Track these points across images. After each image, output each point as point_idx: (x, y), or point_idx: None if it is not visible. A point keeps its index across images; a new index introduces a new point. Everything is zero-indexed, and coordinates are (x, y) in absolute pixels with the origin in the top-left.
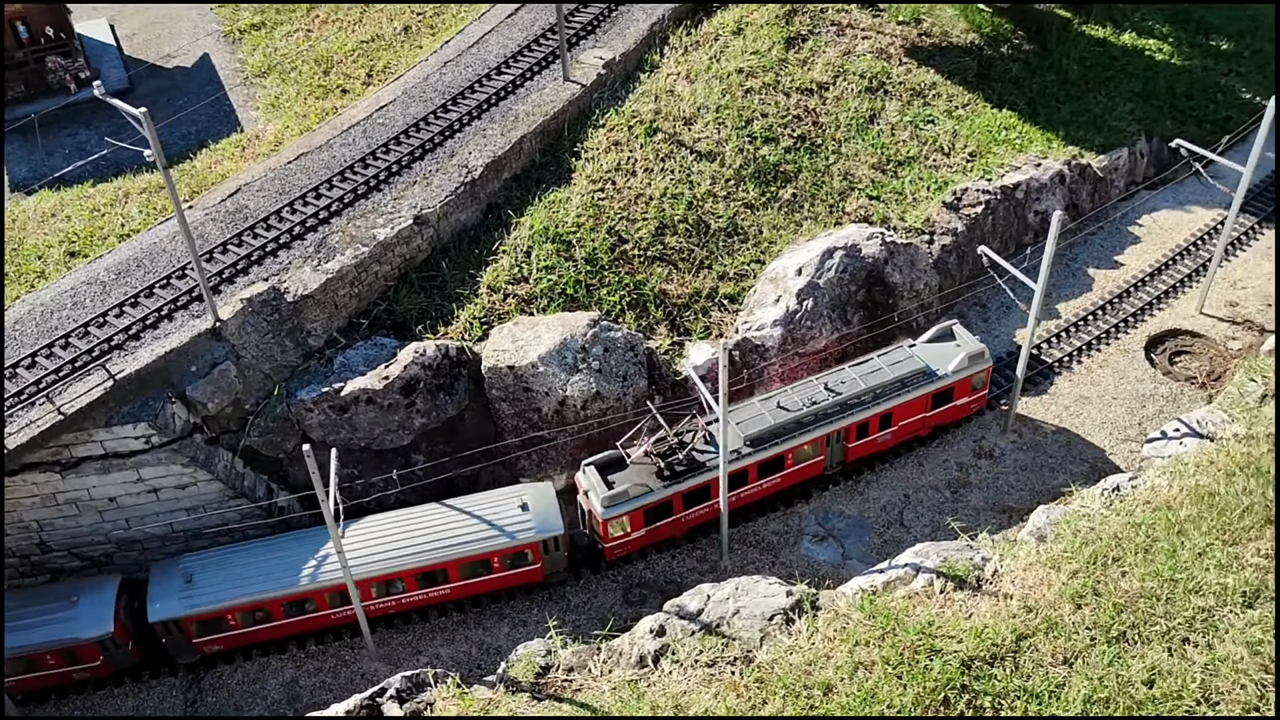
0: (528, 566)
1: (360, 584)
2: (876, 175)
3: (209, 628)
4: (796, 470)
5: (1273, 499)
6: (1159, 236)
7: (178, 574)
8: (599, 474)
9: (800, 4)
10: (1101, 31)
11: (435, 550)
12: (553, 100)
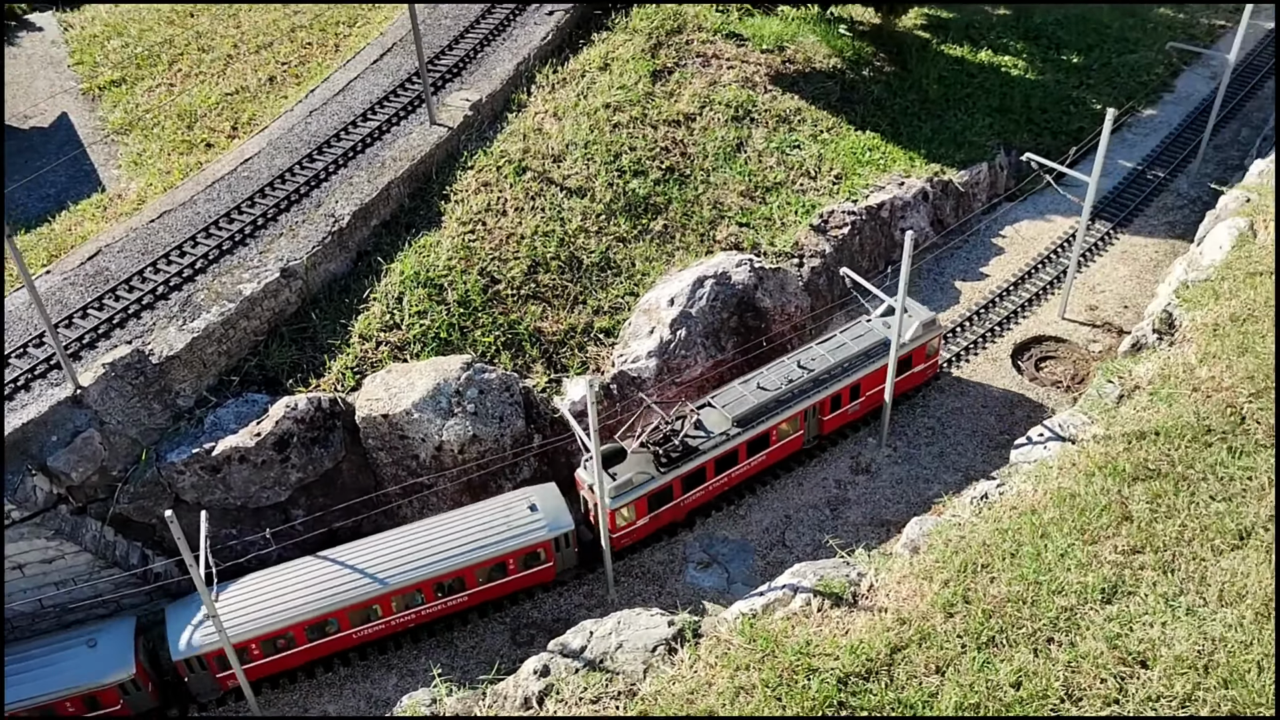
0: (540, 566)
1: (383, 598)
2: (745, 202)
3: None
4: (780, 446)
5: (1126, 495)
6: (1021, 246)
7: (197, 609)
8: (604, 466)
9: (666, 40)
10: (959, 50)
11: (453, 558)
12: (420, 144)
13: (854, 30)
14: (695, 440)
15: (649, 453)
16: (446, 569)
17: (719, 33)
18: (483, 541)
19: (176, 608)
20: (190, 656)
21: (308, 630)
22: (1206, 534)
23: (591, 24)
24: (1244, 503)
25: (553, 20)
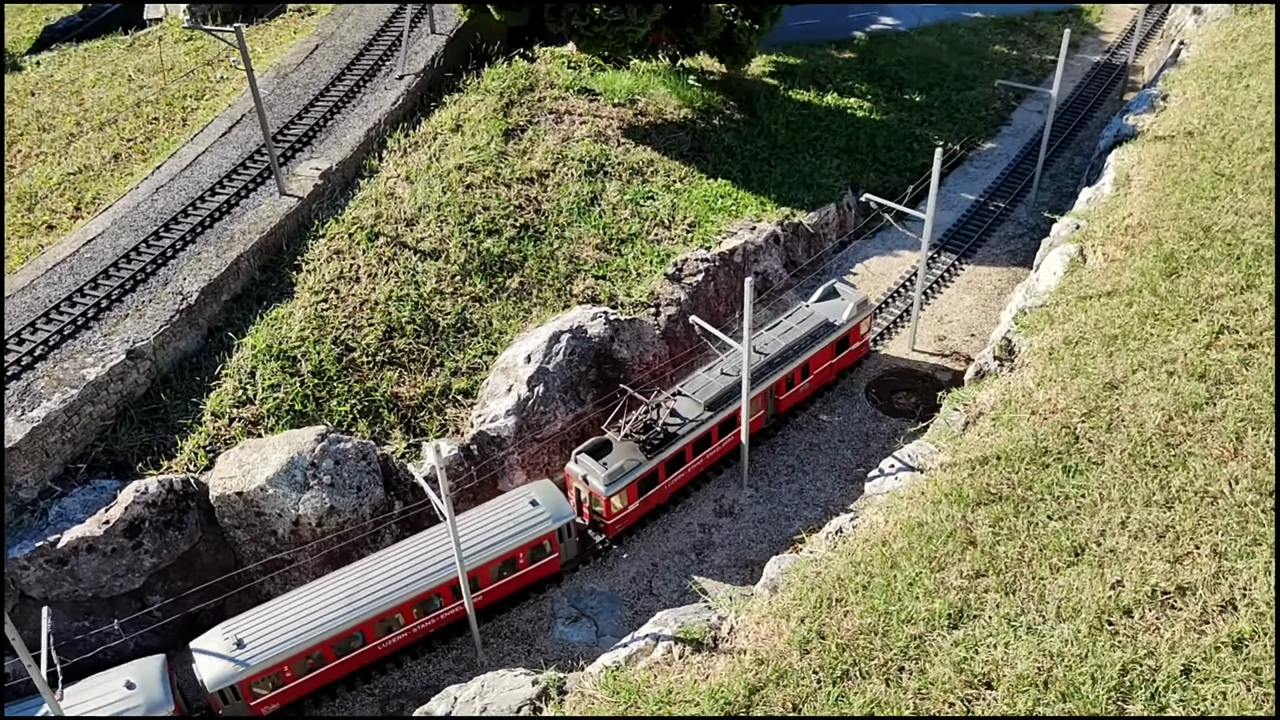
0: (546, 559)
1: (404, 606)
2: (601, 255)
3: (267, 685)
4: (752, 422)
5: (971, 520)
6: (872, 282)
7: (223, 641)
8: (592, 458)
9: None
10: (806, 95)
11: (467, 559)
12: (270, 216)
13: (703, 81)
14: (673, 426)
15: (633, 441)
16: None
17: (571, 89)
18: (493, 540)
19: (201, 642)
20: (224, 687)
21: (335, 647)
22: (1044, 553)
23: (443, 86)
24: (1078, 520)
25: (403, 85)
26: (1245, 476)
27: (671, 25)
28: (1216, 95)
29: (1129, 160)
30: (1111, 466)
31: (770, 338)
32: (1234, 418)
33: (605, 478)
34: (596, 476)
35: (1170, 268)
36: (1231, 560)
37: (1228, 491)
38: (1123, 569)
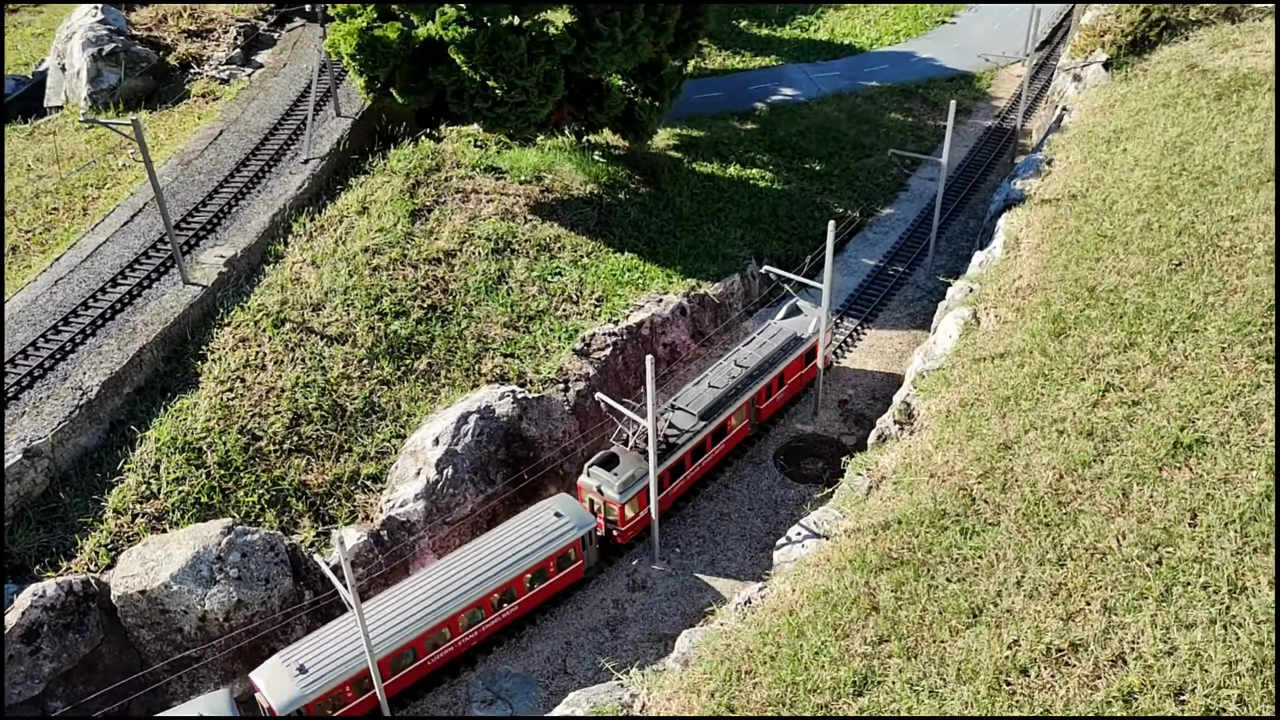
0: (571, 566)
1: (452, 619)
2: (509, 333)
3: (330, 705)
4: (733, 435)
5: (874, 586)
6: None
7: (284, 670)
8: (604, 469)
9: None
10: (710, 167)
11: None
12: (173, 306)
13: (608, 156)
14: (672, 436)
15: (637, 451)
16: (501, 581)
17: (477, 168)
18: (525, 551)
19: (260, 673)
20: (292, 711)
21: (391, 664)
22: (944, 616)
23: (349, 169)
24: (975, 581)
25: (308, 169)
26: (1131, 531)
27: (574, 104)
28: (1097, 159)
29: (1018, 224)
30: (1006, 527)
31: (747, 352)
32: (1120, 474)
33: (618, 486)
34: (610, 486)
35: (1058, 328)
36: (1120, 615)
37: (1116, 547)
38: (1018, 628)
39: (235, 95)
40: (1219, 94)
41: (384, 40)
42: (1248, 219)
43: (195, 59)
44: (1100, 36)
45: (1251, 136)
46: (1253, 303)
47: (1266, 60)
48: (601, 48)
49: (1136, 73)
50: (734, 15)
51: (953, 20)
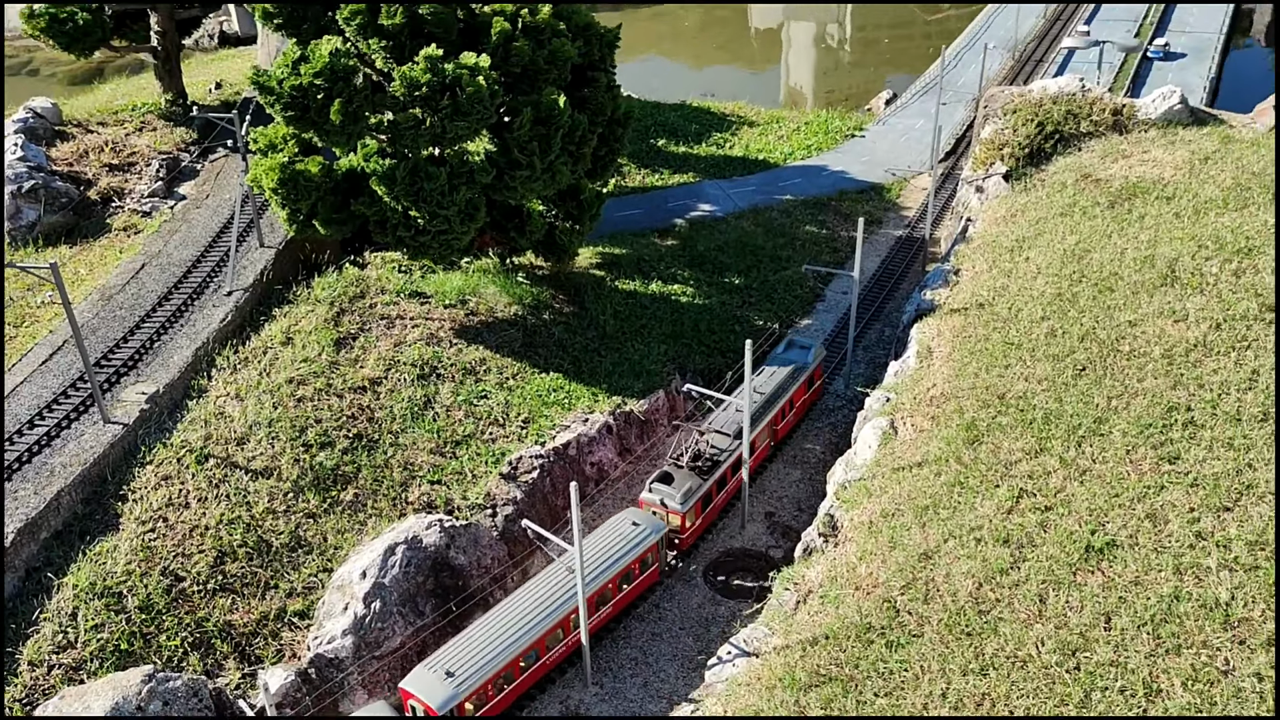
0: (650, 570)
1: (564, 620)
2: (436, 459)
3: (476, 702)
4: (760, 451)
5: (804, 704)
6: None
7: (433, 675)
8: (664, 485)
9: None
10: (632, 284)
11: (601, 575)
12: (93, 446)
13: (532, 277)
14: (713, 454)
15: (689, 468)
16: (599, 584)
17: (402, 293)
18: (615, 557)
19: (412, 678)
20: (448, 709)
21: (522, 663)
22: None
23: (273, 299)
24: (902, 695)
25: (232, 301)
26: (1050, 638)
27: (496, 230)
28: (1001, 268)
29: (929, 333)
30: (930, 638)
31: (761, 381)
32: (1036, 580)
33: (679, 498)
34: (672, 498)
35: (972, 436)
36: None
37: (1035, 654)
38: None
39: (158, 228)
40: (1111, 202)
41: (306, 174)
42: (1144, 323)
43: (117, 193)
44: (999, 150)
45: (1143, 243)
46: (1153, 405)
47: (1153, 169)
48: (520, 176)
49: (1035, 183)
50: (651, 135)
51: (861, 134)
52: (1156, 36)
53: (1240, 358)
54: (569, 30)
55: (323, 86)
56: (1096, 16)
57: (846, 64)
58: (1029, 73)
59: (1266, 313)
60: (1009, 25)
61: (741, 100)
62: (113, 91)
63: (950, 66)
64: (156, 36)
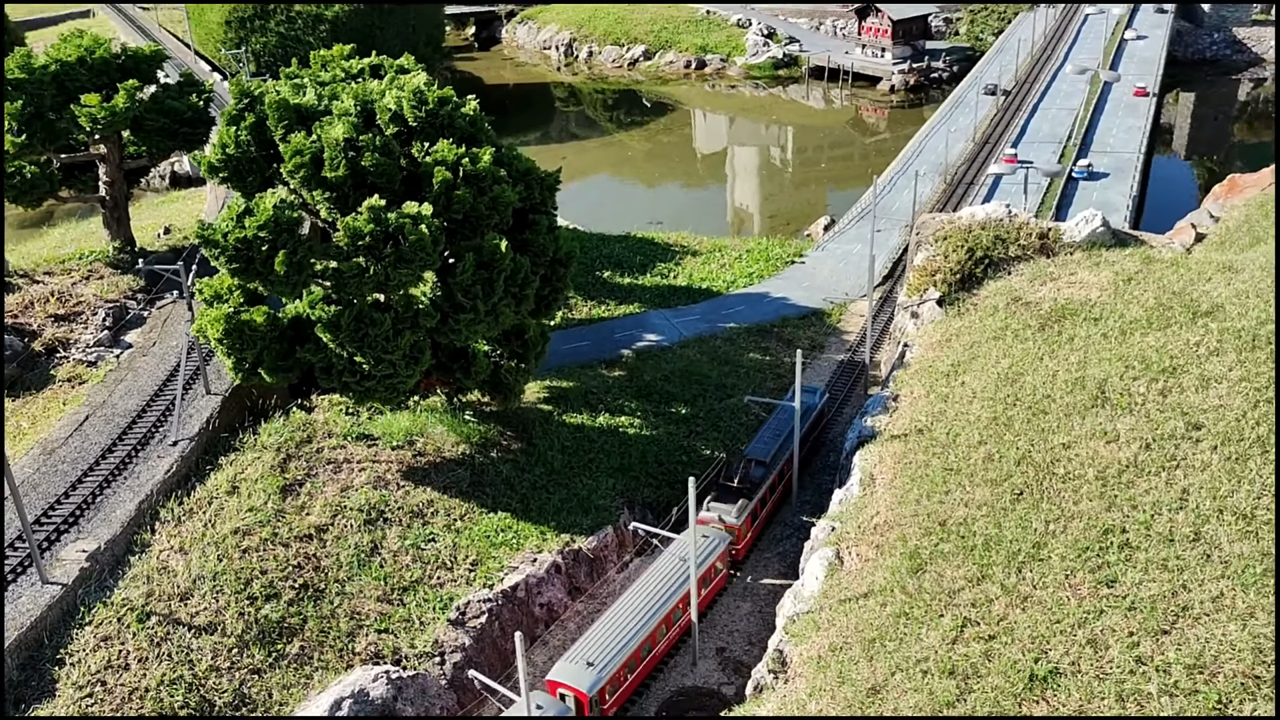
0: (720, 574)
1: (667, 616)
2: (383, 607)
3: (612, 686)
4: (786, 479)
5: None
6: None
7: (576, 666)
8: (720, 503)
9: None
10: (580, 418)
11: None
12: (30, 609)
13: (479, 414)
14: (754, 477)
15: (735, 489)
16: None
17: (349, 436)
18: (701, 560)
19: (559, 669)
20: (594, 693)
21: (641, 652)
22: None
23: (219, 447)
24: None
25: (177, 450)
26: None
27: (441, 371)
28: (938, 393)
29: (871, 460)
30: None
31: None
32: (983, 713)
33: (735, 513)
34: (729, 513)
35: (915, 564)
36: None
37: None
38: None
39: (103, 377)
40: (1041, 324)
41: (251, 324)
42: (1077, 445)
43: (62, 343)
44: (932, 275)
45: (1073, 364)
46: (1089, 528)
47: (1080, 291)
48: (465, 320)
49: (967, 307)
50: (598, 267)
51: (801, 260)
52: (1080, 157)
53: (1170, 477)
54: (510, 175)
55: (267, 239)
56: (1023, 139)
57: (789, 184)
58: (960, 196)
59: (1193, 431)
60: (939, 149)
61: (685, 230)
62: (61, 237)
63: (884, 192)
64: (105, 186)
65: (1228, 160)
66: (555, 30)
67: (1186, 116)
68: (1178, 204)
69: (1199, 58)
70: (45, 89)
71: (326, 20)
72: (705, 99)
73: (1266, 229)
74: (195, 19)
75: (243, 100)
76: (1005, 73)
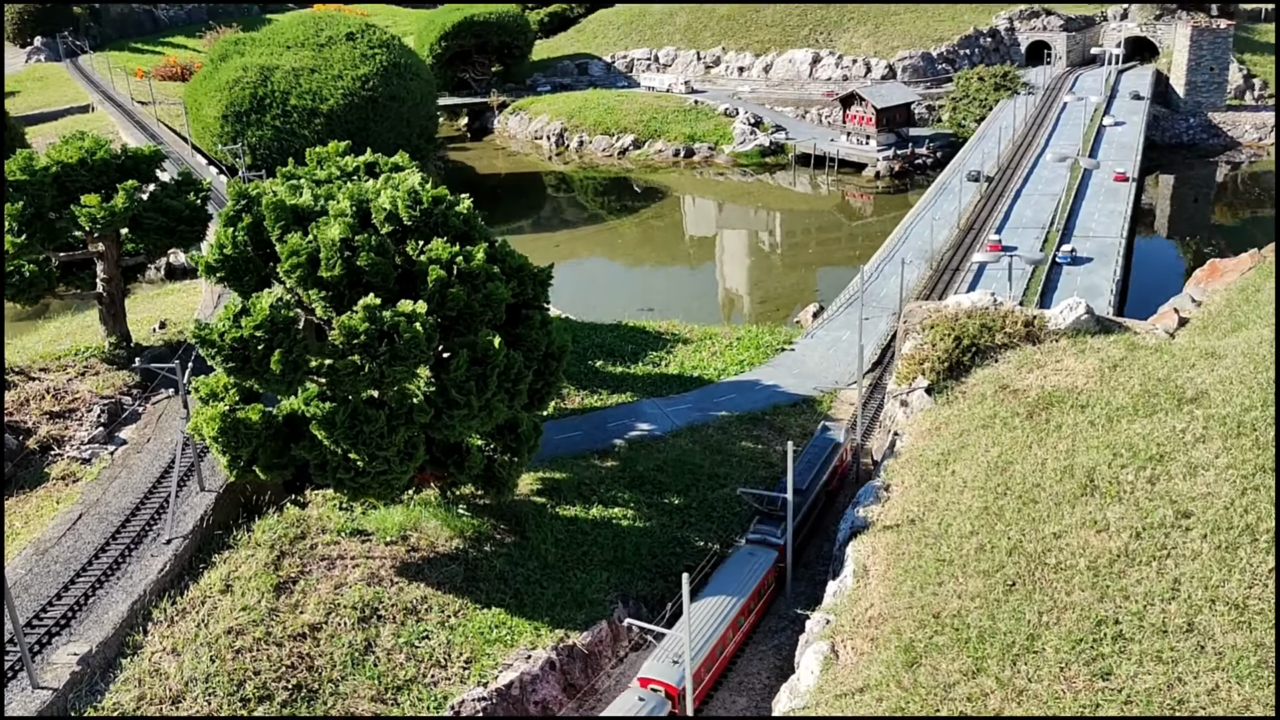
0: (770, 589)
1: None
2: (377, 708)
3: (696, 681)
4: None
5: None
6: None
7: (664, 663)
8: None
9: None
10: (573, 510)
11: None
12: (19, 715)
13: (473, 508)
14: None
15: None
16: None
17: (343, 532)
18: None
19: (649, 666)
20: (683, 684)
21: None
22: None
23: (213, 544)
24: None
25: (170, 549)
26: None
27: (435, 466)
28: (929, 483)
29: (864, 551)
30: None
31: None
32: None
33: (779, 534)
34: (774, 535)
35: (910, 658)
36: None
37: None
38: None
39: (96, 475)
40: (1030, 412)
41: (246, 422)
42: (1068, 534)
43: (57, 440)
44: (920, 364)
45: (1062, 452)
46: (1082, 619)
47: (1067, 378)
48: (459, 415)
49: (956, 395)
50: (590, 356)
51: (791, 347)
52: (1064, 242)
53: (1161, 567)
54: (503, 272)
55: (264, 338)
56: (1007, 225)
57: (779, 267)
58: (946, 283)
59: (1182, 519)
60: (925, 236)
61: (676, 317)
62: (57, 330)
63: (872, 279)
64: (102, 283)
65: (1209, 239)
66: (546, 120)
67: (1167, 199)
68: (1162, 284)
69: (1176, 142)
70: (46, 190)
71: (321, 114)
72: (694, 185)
73: (1247, 314)
74: (193, 114)
75: (240, 201)
76: (988, 159)
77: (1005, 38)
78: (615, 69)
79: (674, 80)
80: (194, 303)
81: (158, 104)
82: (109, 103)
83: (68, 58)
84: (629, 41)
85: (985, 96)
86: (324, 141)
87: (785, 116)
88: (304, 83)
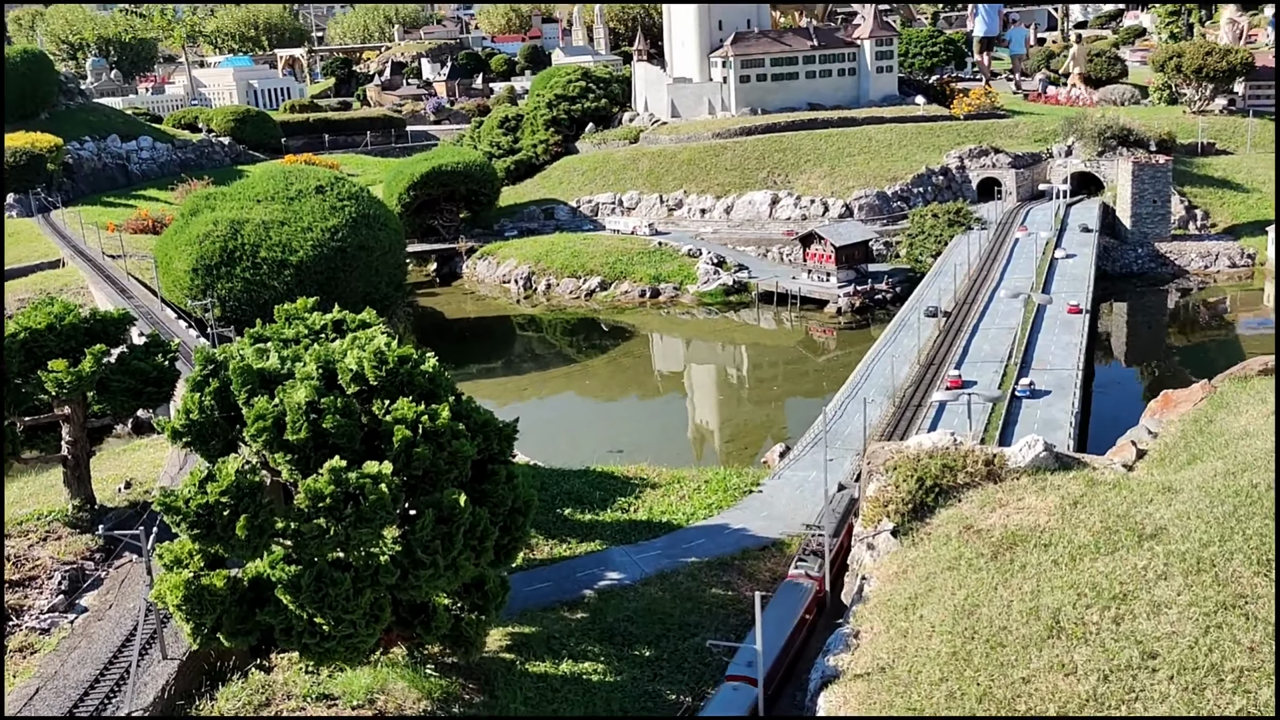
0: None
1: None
2: None
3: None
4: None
5: None
6: None
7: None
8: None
9: None
10: (542, 665)
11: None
12: None
13: (440, 666)
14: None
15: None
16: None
17: (309, 697)
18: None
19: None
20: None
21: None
22: None
23: (175, 716)
24: None
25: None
26: None
27: (402, 627)
28: (898, 628)
29: (835, 702)
30: None
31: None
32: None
33: (817, 568)
34: (813, 569)
35: None
36: None
37: None
38: None
39: (55, 646)
40: (994, 553)
41: (211, 589)
42: (1036, 679)
43: (15, 611)
44: (885, 506)
45: (1027, 593)
46: None
47: (1029, 516)
48: (425, 575)
49: (921, 537)
50: (558, 504)
51: (759, 489)
52: (1021, 376)
53: (1131, 710)
54: (468, 428)
55: (229, 504)
56: (965, 359)
57: (747, 402)
58: (909, 420)
59: (1149, 660)
60: (886, 372)
61: (644, 460)
62: (19, 492)
63: (835, 418)
64: (67, 445)
65: (1164, 362)
66: (514, 264)
67: (1122, 327)
68: (1121, 413)
69: (1127, 271)
70: (13, 356)
71: (291, 265)
72: (661, 324)
73: (1201, 445)
74: (163, 267)
75: (207, 366)
76: (945, 294)
77: (957, 175)
78: (581, 213)
79: (638, 223)
80: (160, 459)
81: (128, 257)
82: (80, 258)
83: (39, 213)
84: (593, 186)
85: (940, 232)
86: (294, 293)
87: (748, 255)
88: (274, 235)
